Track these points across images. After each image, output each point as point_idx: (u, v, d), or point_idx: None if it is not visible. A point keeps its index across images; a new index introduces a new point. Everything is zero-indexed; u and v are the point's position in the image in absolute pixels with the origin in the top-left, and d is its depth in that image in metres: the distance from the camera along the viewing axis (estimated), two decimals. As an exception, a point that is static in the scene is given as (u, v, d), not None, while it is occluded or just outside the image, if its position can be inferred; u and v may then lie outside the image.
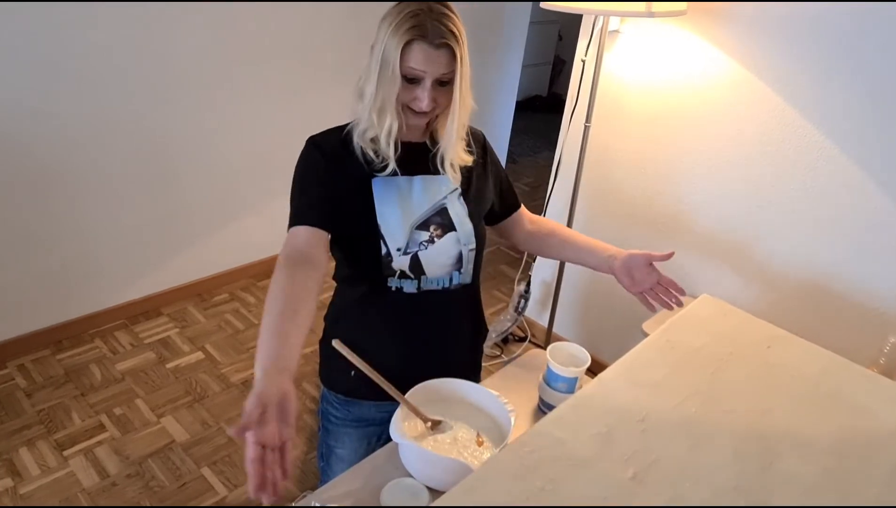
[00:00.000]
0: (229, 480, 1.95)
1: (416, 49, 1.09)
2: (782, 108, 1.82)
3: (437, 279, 1.27)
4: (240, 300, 2.84)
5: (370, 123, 1.18)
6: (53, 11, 2.04)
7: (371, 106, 1.16)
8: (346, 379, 1.35)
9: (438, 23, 1.09)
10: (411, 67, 1.11)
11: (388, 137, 1.18)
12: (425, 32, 1.09)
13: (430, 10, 1.10)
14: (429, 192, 1.26)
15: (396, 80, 1.11)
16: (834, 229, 1.81)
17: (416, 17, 1.08)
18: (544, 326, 2.62)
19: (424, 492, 1.07)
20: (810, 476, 0.86)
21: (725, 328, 1.19)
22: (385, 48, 1.10)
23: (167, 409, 2.20)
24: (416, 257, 1.23)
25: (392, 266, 1.22)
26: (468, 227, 1.28)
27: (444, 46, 1.10)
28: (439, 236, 1.25)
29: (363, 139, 1.20)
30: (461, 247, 1.28)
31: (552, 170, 2.45)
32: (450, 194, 1.27)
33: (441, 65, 1.11)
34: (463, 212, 1.28)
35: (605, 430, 0.90)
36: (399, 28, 1.09)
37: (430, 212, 1.25)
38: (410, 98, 1.15)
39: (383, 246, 1.21)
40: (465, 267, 1.29)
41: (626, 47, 2.11)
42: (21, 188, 2.17)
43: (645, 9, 1.67)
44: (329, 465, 1.37)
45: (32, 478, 1.90)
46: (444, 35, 1.09)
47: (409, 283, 1.25)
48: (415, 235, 1.23)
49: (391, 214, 1.21)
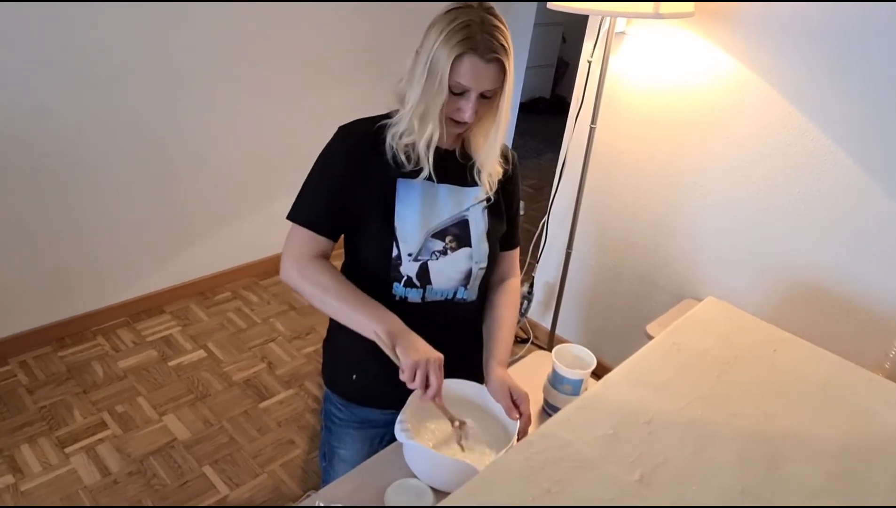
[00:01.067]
0: (231, 479, 1.95)
1: (466, 63, 1.08)
2: (789, 111, 1.82)
3: (442, 291, 1.26)
4: (242, 299, 2.84)
5: (409, 129, 1.16)
6: (55, 10, 2.04)
7: (413, 112, 1.14)
8: (349, 383, 1.35)
9: (490, 36, 1.07)
10: (459, 81, 1.09)
11: (428, 145, 1.16)
12: (476, 46, 1.06)
13: (482, 21, 1.07)
14: (453, 201, 1.24)
15: (444, 91, 1.10)
16: (840, 233, 1.81)
17: (468, 29, 1.06)
18: (547, 327, 2.62)
19: (429, 493, 1.07)
20: (816, 479, 0.86)
21: (731, 331, 1.18)
22: (433, 58, 1.08)
23: (169, 407, 2.20)
24: (425, 265, 1.22)
25: (400, 270, 1.21)
26: (484, 246, 1.27)
27: (494, 61, 1.08)
28: (453, 248, 1.24)
29: (398, 142, 1.18)
30: (472, 264, 1.27)
31: (557, 171, 2.45)
32: (473, 205, 1.26)
33: (489, 80, 1.10)
34: (483, 228, 1.27)
35: (611, 432, 0.90)
36: (450, 39, 1.06)
37: (449, 222, 1.24)
38: (453, 109, 1.14)
39: (395, 248, 1.20)
40: (471, 284, 1.29)
41: (632, 49, 2.11)
42: (24, 186, 2.17)
43: (653, 10, 1.66)
44: (331, 466, 1.37)
45: (34, 475, 1.90)
46: (494, 49, 1.07)
47: (414, 292, 1.24)
48: (429, 243, 1.22)
49: (410, 217, 1.20)
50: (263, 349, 2.54)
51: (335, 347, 1.39)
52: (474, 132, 1.22)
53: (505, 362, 1.27)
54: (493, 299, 1.37)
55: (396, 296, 1.24)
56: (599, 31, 2.15)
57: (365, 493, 1.09)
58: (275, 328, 2.67)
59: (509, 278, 1.41)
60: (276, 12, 2.57)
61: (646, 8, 1.67)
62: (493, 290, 1.38)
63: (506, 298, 1.37)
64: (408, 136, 1.17)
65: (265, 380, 2.37)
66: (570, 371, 1.27)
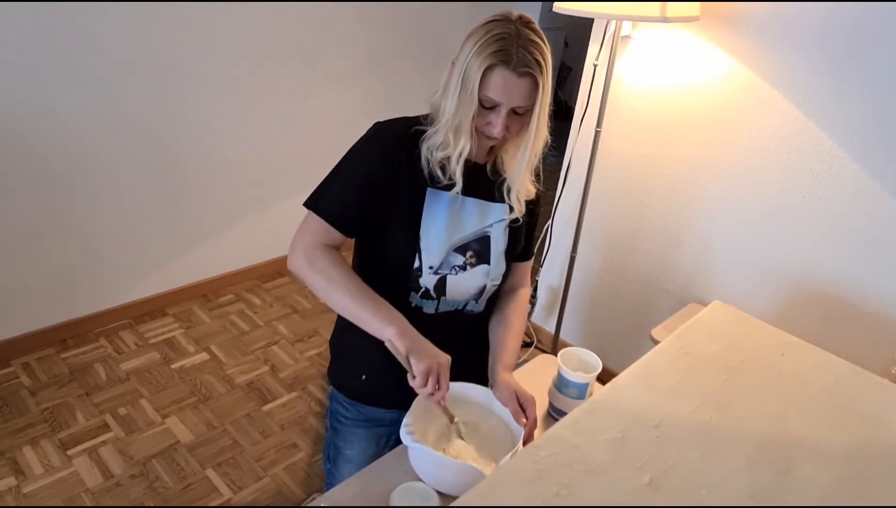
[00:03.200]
0: (234, 482, 1.94)
1: (496, 75, 1.05)
2: (794, 114, 1.81)
3: (454, 303, 1.27)
4: (245, 301, 2.84)
5: (445, 142, 1.14)
6: (63, 12, 2.04)
7: (449, 125, 1.12)
8: (357, 383, 1.34)
9: (525, 50, 1.05)
10: (489, 95, 1.07)
11: (459, 159, 1.14)
12: (509, 59, 1.04)
13: (519, 34, 1.05)
14: (477, 216, 1.23)
15: (474, 102, 1.07)
16: (845, 236, 1.81)
17: (503, 41, 1.04)
18: (550, 331, 2.61)
19: (435, 497, 1.06)
20: (825, 484, 0.86)
21: (738, 335, 1.18)
22: (466, 68, 1.06)
23: (172, 409, 2.19)
24: (443, 279, 1.22)
25: (419, 281, 1.21)
26: (502, 265, 1.27)
27: (527, 76, 1.06)
28: (472, 264, 1.23)
29: (434, 155, 1.16)
30: (488, 281, 1.27)
31: (561, 175, 2.45)
32: (497, 222, 1.25)
33: (520, 96, 1.07)
34: (503, 247, 1.26)
35: (619, 436, 0.90)
36: (483, 50, 1.05)
37: (472, 236, 1.22)
38: (483, 123, 1.12)
39: (417, 260, 1.19)
40: (482, 298, 1.29)
41: (637, 53, 2.11)
42: (27, 187, 2.17)
43: (659, 12, 1.66)
44: (336, 467, 1.36)
45: (36, 477, 1.89)
46: (528, 64, 1.05)
47: (429, 303, 1.24)
48: (451, 257, 1.21)
49: (435, 230, 1.19)
50: (266, 351, 2.54)
51: (343, 346, 1.39)
52: (505, 148, 1.21)
53: (511, 367, 1.27)
54: (502, 307, 1.37)
55: (412, 304, 1.24)
56: (605, 34, 2.15)
57: (370, 496, 1.08)
58: (278, 330, 2.67)
59: (520, 288, 1.40)
60: (281, 16, 2.58)
61: (652, 10, 1.67)
62: (502, 298, 1.38)
63: (515, 306, 1.36)
64: (443, 149, 1.15)
65: (268, 383, 2.36)
66: (575, 375, 1.27)
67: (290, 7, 2.59)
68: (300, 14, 2.64)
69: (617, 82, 2.17)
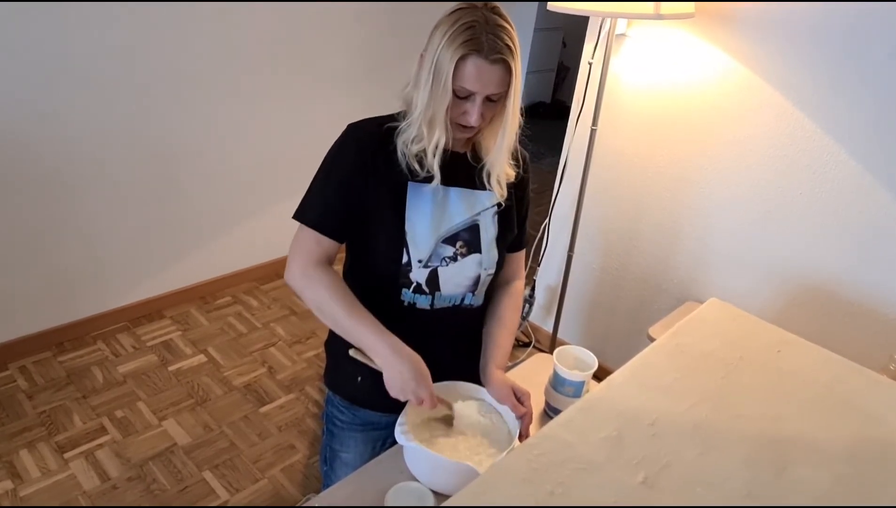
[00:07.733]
0: (231, 484, 1.93)
1: (469, 64, 1.05)
2: (791, 112, 1.81)
3: (451, 297, 1.25)
4: (242, 304, 2.83)
5: (419, 135, 1.13)
6: (62, 13, 2.03)
7: (422, 118, 1.11)
8: (353, 386, 1.34)
9: (494, 36, 1.04)
10: (464, 85, 1.07)
11: (435, 151, 1.14)
12: (480, 47, 1.04)
13: (487, 21, 1.05)
14: (464, 205, 1.22)
15: (448, 94, 1.07)
16: (843, 234, 1.80)
17: (472, 30, 1.04)
18: (548, 331, 2.60)
19: (430, 496, 1.05)
20: (823, 482, 0.85)
21: (735, 333, 1.17)
22: (438, 60, 1.06)
23: (169, 412, 2.18)
24: (435, 271, 1.20)
25: (409, 276, 1.20)
26: (494, 253, 1.26)
27: (500, 62, 1.06)
28: (463, 254, 1.22)
29: (409, 149, 1.16)
30: (481, 271, 1.25)
31: (558, 174, 2.44)
32: (485, 210, 1.24)
33: (494, 82, 1.07)
34: (493, 234, 1.25)
35: (614, 434, 0.89)
36: (453, 40, 1.04)
37: (460, 226, 1.22)
38: (459, 113, 1.12)
39: (405, 254, 1.18)
40: (479, 290, 1.28)
41: (632, 51, 2.11)
42: (24, 190, 2.17)
43: (653, 10, 1.66)
44: (333, 469, 1.35)
45: (33, 480, 1.88)
46: (499, 50, 1.05)
47: (422, 299, 1.23)
48: (440, 248, 1.20)
49: (421, 222, 1.18)
50: (264, 353, 2.53)
51: (338, 348, 1.38)
52: (484, 135, 1.20)
53: (503, 366, 1.26)
54: (496, 302, 1.36)
55: (405, 302, 1.23)
56: (600, 33, 2.15)
57: (365, 496, 1.08)
58: (275, 332, 2.66)
59: (514, 280, 1.39)
60: (280, 18, 2.57)
61: (646, 9, 1.67)
62: (496, 291, 1.37)
63: (509, 300, 1.35)
64: (418, 142, 1.14)
65: (265, 385, 2.36)
66: (571, 373, 1.26)
67: (290, 9, 2.58)
68: (300, 17, 2.63)
69: (612, 81, 2.17)
